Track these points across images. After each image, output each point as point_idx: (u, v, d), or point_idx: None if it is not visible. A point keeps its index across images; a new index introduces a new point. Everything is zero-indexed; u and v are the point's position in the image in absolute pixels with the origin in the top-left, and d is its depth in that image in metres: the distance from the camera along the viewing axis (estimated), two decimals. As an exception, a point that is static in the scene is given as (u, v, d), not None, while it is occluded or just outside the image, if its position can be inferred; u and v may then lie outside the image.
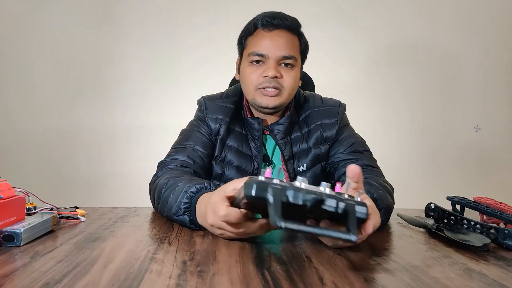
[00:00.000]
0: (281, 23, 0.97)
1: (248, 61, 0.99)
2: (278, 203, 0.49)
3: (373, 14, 2.15)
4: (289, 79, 0.97)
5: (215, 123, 1.03)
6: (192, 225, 0.74)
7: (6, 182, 0.65)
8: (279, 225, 0.47)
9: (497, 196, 0.93)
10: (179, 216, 0.75)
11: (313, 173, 1.02)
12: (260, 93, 0.98)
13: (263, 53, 0.96)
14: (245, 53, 1.01)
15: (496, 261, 0.60)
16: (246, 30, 1.02)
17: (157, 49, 2.07)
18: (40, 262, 0.53)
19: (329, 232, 0.52)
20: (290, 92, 0.99)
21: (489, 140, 2.22)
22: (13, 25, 1.99)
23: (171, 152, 1.01)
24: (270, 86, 0.96)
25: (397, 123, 2.19)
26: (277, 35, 0.97)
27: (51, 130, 2.03)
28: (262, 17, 0.98)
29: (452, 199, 0.86)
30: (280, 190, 0.50)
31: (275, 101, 0.98)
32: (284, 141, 1.02)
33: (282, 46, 0.96)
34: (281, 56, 0.96)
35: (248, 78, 0.99)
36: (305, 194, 0.51)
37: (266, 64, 0.97)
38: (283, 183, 0.53)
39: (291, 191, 0.51)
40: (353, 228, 0.51)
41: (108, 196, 2.03)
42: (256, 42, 0.98)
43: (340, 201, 0.52)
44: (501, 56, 2.21)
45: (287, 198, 0.50)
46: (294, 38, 0.99)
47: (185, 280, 0.47)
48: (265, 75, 0.96)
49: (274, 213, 0.48)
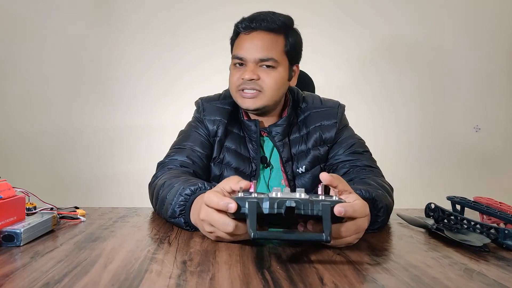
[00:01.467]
0: (259, 25, 0.97)
1: (232, 63, 1.01)
2: (254, 215, 0.55)
3: (373, 14, 2.15)
4: (269, 80, 0.97)
5: (212, 125, 1.04)
6: (188, 227, 0.74)
7: (6, 182, 0.65)
8: (251, 235, 0.54)
9: (497, 196, 0.93)
10: (175, 219, 0.75)
11: (312, 174, 1.02)
12: (240, 95, 0.99)
13: (242, 56, 0.97)
14: (232, 56, 1.03)
15: (496, 261, 0.60)
16: (233, 33, 1.04)
17: (156, 49, 2.07)
18: (40, 262, 0.53)
19: (301, 236, 0.60)
20: (272, 94, 0.98)
21: (489, 140, 2.22)
22: (13, 25, 1.99)
23: (170, 152, 1.01)
24: (248, 88, 0.97)
25: (397, 123, 2.19)
26: (255, 37, 0.97)
27: (51, 130, 2.03)
28: (242, 20, 1.00)
29: (452, 199, 0.86)
30: (256, 203, 0.56)
31: (255, 103, 0.98)
32: (282, 143, 1.02)
33: (259, 48, 0.96)
34: (258, 58, 0.96)
35: (230, 80, 1.01)
36: (278, 203, 0.56)
37: (246, 66, 0.98)
38: (261, 195, 0.58)
39: (266, 202, 0.57)
40: (326, 228, 0.55)
41: (108, 196, 2.03)
42: (237, 45, 1.00)
43: (315, 204, 0.57)
44: (501, 56, 2.21)
45: (262, 209, 0.57)
46: (276, 38, 0.98)
47: (185, 280, 0.47)
48: (242, 77, 0.97)
49: (250, 225, 0.55)
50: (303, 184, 1.01)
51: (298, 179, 1.02)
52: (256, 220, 0.55)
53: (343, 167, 1.00)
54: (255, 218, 0.55)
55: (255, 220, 0.55)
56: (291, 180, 1.01)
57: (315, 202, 0.57)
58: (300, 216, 0.58)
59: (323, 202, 0.57)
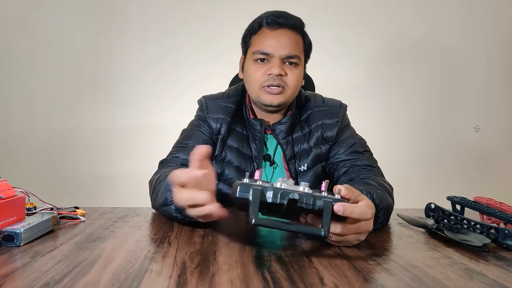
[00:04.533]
0: (286, 22, 0.98)
1: (253, 59, 0.99)
2: (257, 202, 0.56)
3: (374, 14, 2.15)
4: (293, 78, 0.98)
5: (216, 123, 1.04)
6: (178, 214, 0.72)
7: (6, 182, 0.65)
8: (252, 221, 0.54)
9: (497, 196, 0.93)
10: (166, 206, 0.74)
11: (314, 173, 1.02)
12: (264, 91, 0.98)
13: (268, 51, 0.97)
14: (250, 51, 1.01)
15: (496, 261, 0.60)
16: (250, 28, 1.02)
17: (158, 50, 2.07)
18: (40, 262, 0.53)
19: (300, 228, 0.60)
20: (294, 91, 1.00)
21: (489, 140, 2.23)
22: (13, 25, 1.99)
23: (173, 151, 1.02)
24: (274, 84, 0.97)
25: (397, 123, 2.19)
26: (282, 34, 0.97)
27: (51, 130, 2.03)
28: (267, 15, 0.99)
29: (452, 199, 0.86)
30: (260, 191, 0.57)
31: (279, 99, 0.98)
32: (286, 141, 1.03)
33: (286, 45, 0.97)
34: (285, 54, 0.96)
35: (252, 76, 0.99)
36: (282, 194, 0.57)
37: (271, 62, 0.97)
38: (265, 184, 0.59)
39: (271, 192, 0.57)
40: (325, 224, 0.56)
41: (108, 196, 2.03)
42: (261, 41, 0.99)
43: (317, 199, 0.57)
44: (501, 56, 2.21)
45: (265, 198, 0.57)
46: (298, 37, 1.00)
47: (185, 280, 0.47)
48: (269, 73, 0.96)
49: (252, 211, 0.55)
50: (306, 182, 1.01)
51: (301, 177, 1.02)
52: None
53: (344, 166, 1.00)
54: (258, 205, 0.56)
55: (258, 207, 0.56)
56: (294, 178, 1.02)
57: (317, 197, 0.58)
58: (302, 209, 0.59)
59: (326, 199, 0.57)
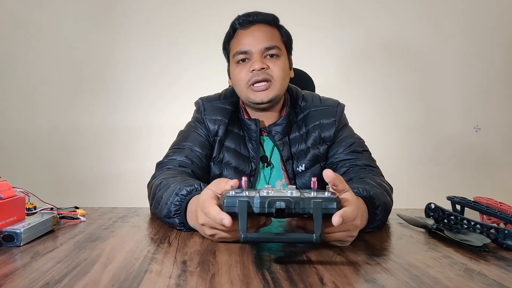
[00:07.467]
0: (257, 18, 1.01)
1: (235, 62, 1.01)
2: (244, 216, 0.54)
3: (373, 14, 2.15)
4: (277, 69, 0.99)
5: (213, 124, 1.04)
6: (182, 227, 0.74)
7: (6, 182, 0.65)
8: (240, 238, 0.53)
9: (497, 196, 0.93)
10: (170, 218, 0.75)
11: (312, 173, 1.02)
12: (251, 90, 0.99)
13: (246, 49, 0.99)
14: (231, 56, 1.04)
15: (496, 261, 0.60)
16: (227, 36, 1.06)
17: (156, 50, 2.07)
18: (40, 262, 0.53)
19: (292, 237, 0.59)
20: (281, 82, 1.00)
21: (489, 140, 2.22)
22: (13, 25, 1.99)
23: (169, 152, 1.01)
24: (260, 79, 0.97)
25: (397, 123, 2.18)
26: (256, 29, 1.00)
27: (51, 130, 2.03)
28: (238, 18, 1.03)
29: (452, 199, 0.86)
30: (246, 202, 0.55)
31: (267, 94, 0.98)
32: (282, 142, 1.02)
33: (262, 38, 0.99)
34: (263, 47, 0.98)
35: (237, 78, 1.01)
36: (269, 203, 0.56)
37: (252, 60, 0.99)
38: (252, 193, 0.57)
39: (258, 201, 0.56)
40: (317, 229, 0.54)
41: (108, 196, 2.03)
42: (238, 42, 1.01)
43: (306, 203, 0.56)
44: (501, 56, 2.21)
45: (253, 209, 0.56)
46: (273, 30, 1.02)
47: (185, 280, 0.47)
48: (252, 69, 0.97)
49: (240, 226, 0.54)
50: (304, 183, 1.01)
51: (299, 178, 1.02)
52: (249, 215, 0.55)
53: (343, 166, 1.00)
54: (246, 219, 0.54)
55: (246, 221, 0.54)
56: (292, 178, 1.02)
57: (306, 199, 0.56)
58: (292, 215, 0.58)
59: (315, 200, 0.55)
